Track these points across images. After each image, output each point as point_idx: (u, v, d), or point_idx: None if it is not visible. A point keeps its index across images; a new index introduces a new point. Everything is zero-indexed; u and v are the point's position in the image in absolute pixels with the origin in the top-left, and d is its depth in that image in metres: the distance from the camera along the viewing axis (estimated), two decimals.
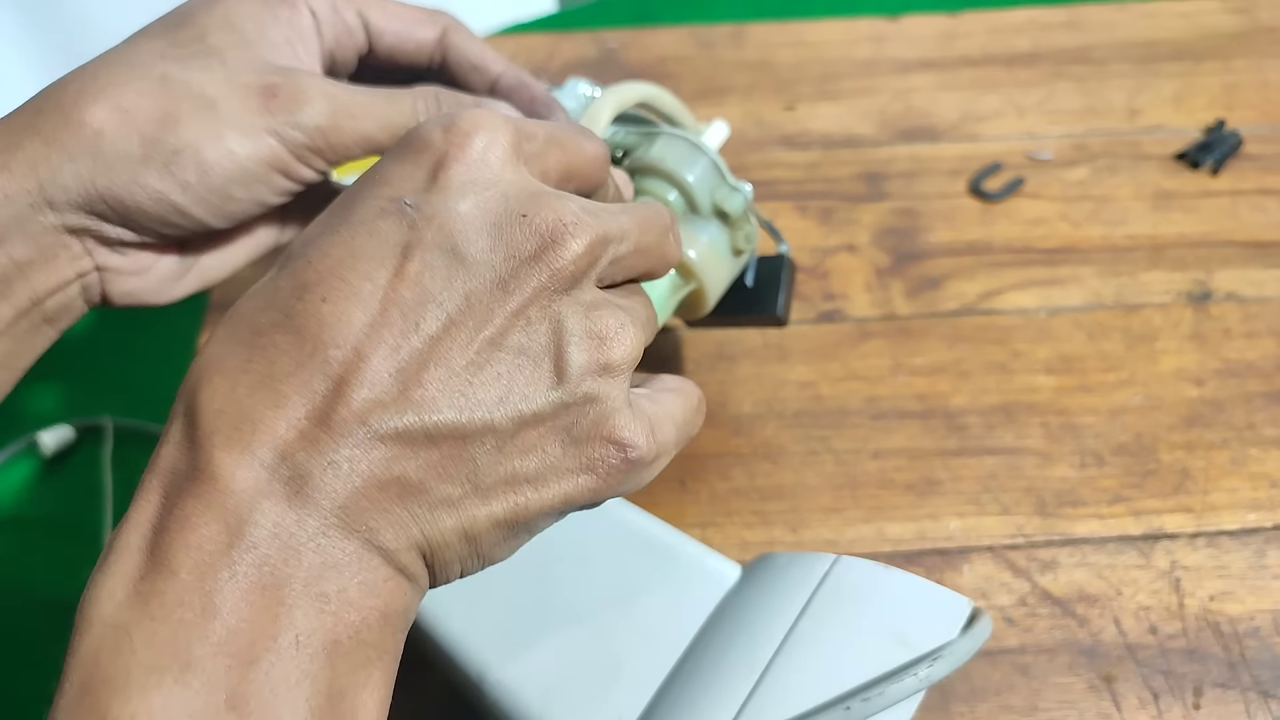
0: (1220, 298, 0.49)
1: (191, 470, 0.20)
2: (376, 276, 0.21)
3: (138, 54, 0.28)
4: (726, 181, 0.37)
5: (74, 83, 0.27)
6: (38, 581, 0.46)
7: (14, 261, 0.27)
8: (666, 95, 0.40)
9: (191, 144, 0.27)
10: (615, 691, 0.28)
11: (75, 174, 0.26)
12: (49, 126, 0.26)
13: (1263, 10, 0.65)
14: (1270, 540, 0.41)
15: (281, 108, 0.28)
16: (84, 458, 0.49)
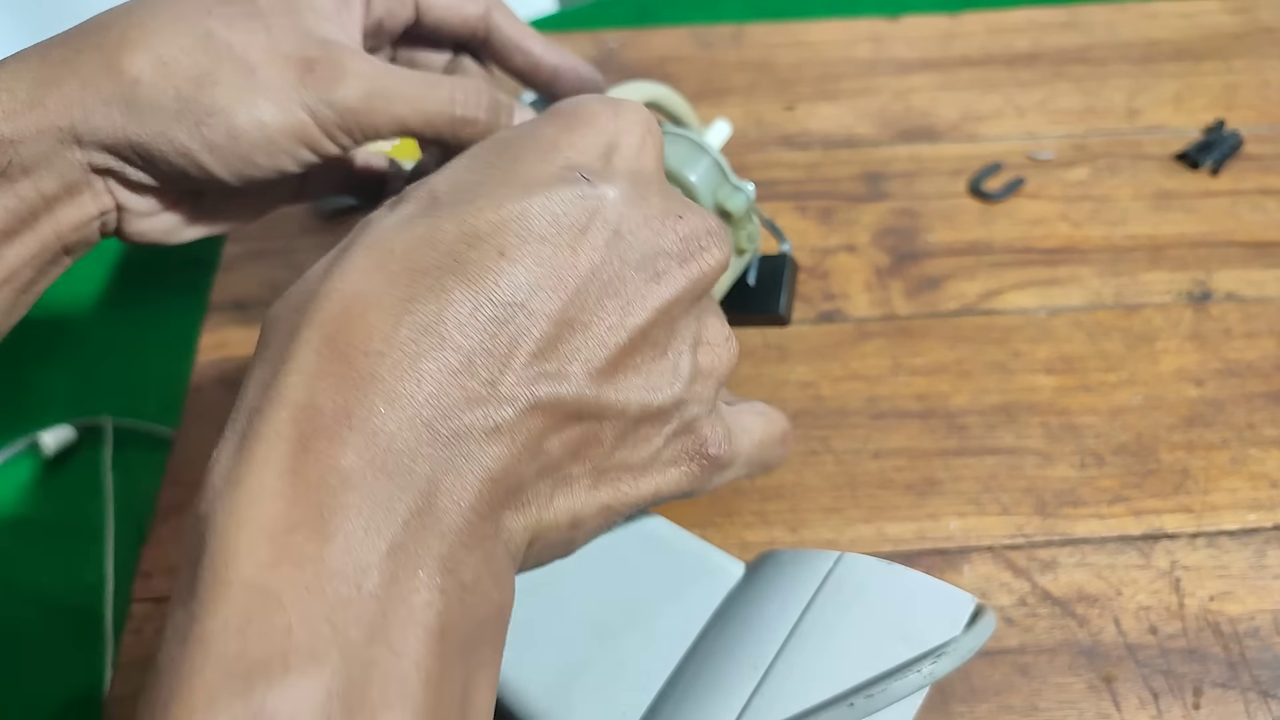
0: (1220, 298, 0.49)
1: (343, 414, 0.18)
2: (554, 241, 0.20)
3: (187, 4, 0.28)
4: (729, 181, 0.37)
5: (117, 25, 0.27)
6: (38, 581, 0.46)
7: (41, 195, 0.27)
8: (673, 95, 0.40)
9: (225, 107, 0.27)
10: (619, 689, 0.28)
11: (108, 118, 0.26)
12: (87, 68, 0.26)
13: (1263, 10, 0.65)
14: (1270, 540, 0.41)
15: (317, 82, 0.28)
16: (84, 458, 0.49)
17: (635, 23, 0.68)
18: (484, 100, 0.31)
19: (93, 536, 0.47)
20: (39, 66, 0.26)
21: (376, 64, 0.29)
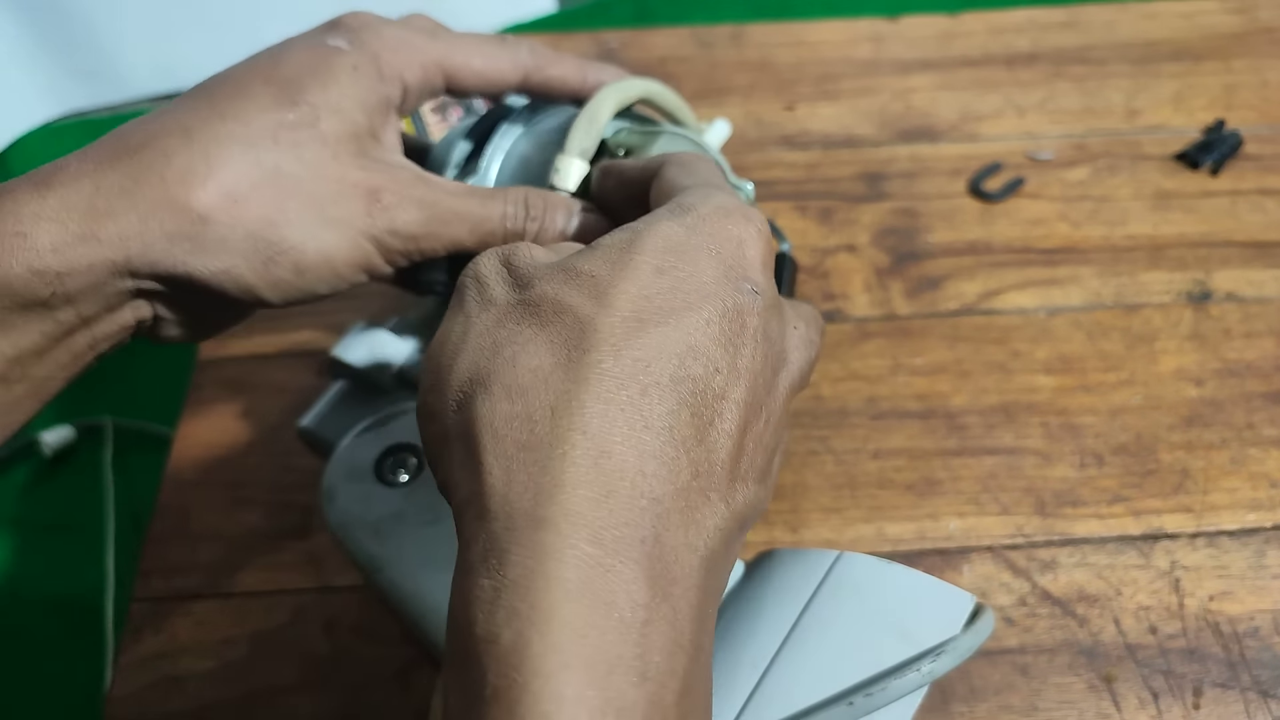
0: (1220, 298, 0.49)
1: (631, 537, 0.20)
2: (732, 356, 0.22)
3: (251, 131, 0.27)
4: (729, 180, 0.37)
5: (179, 154, 0.26)
6: (38, 581, 0.46)
7: (81, 318, 0.26)
8: (668, 92, 0.40)
9: (295, 246, 0.27)
10: None
11: (168, 254, 0.26)
12: (147, 202, 0.25)
13: (1263, 10, 0.65)
14: (1270, 540, 0.41)
15: (382, 212, 0.28)
16: (84, 458, 0.49)
17: (635, 23, 0.68)
18: (533, 210, 0.31)
19: (93, 536, 0.47)
20: (92, 194, 0.25)
21: (434, 187, 0.30)
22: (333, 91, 0.29)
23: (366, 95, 0.30)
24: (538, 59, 0.35)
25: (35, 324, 0.25)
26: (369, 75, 0.30)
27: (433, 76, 0.32)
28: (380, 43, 0.31)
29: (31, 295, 0.24)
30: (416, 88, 0.32)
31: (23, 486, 0.49)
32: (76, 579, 0.46)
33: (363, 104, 0.30)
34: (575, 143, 0.36)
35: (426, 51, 0.32)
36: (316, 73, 0.29)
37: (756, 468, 0.23)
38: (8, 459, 0.50)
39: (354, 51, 0.30)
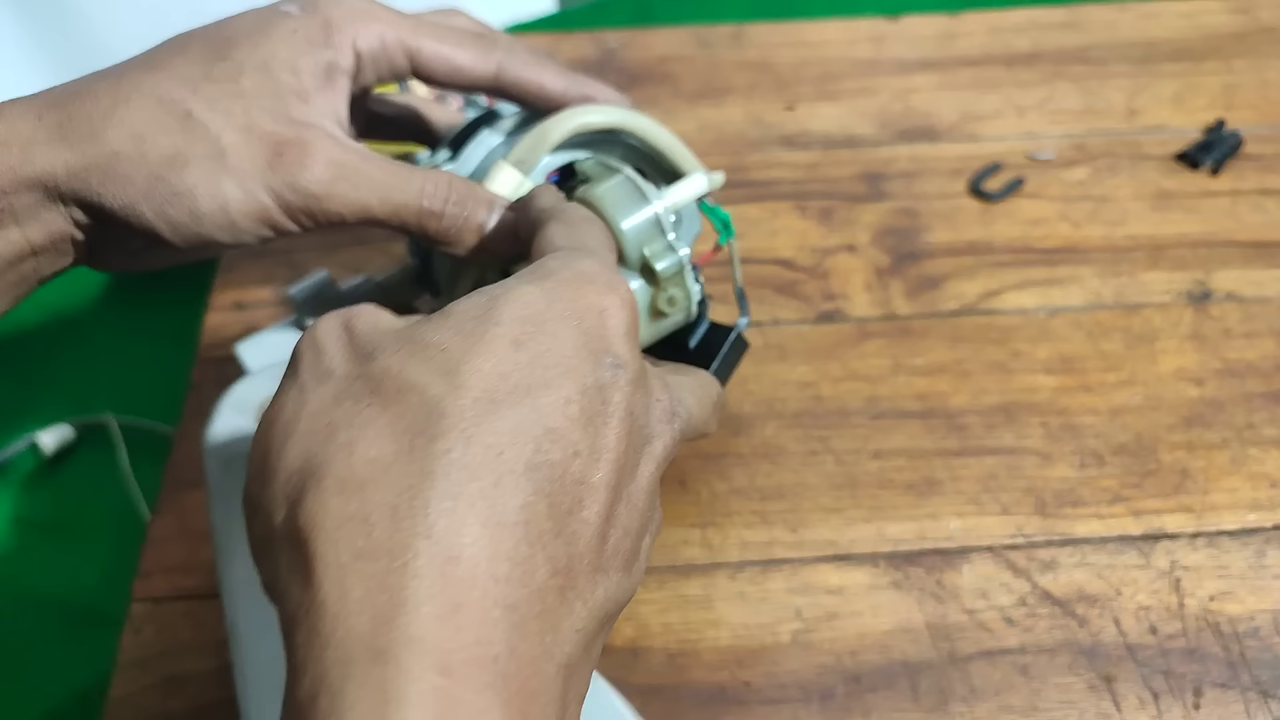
0: (1220, 298, 0.49)
1: (484, 655, 0.18)
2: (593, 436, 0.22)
3: (174, 81, 0.28)
4: (665, 239, 0.34)
5: (106, 94, 0.28)
6: (38, 581, 0.46)
7: (26, 239, 0.28)
8: (657, 128, 0.37)
9: (190, 190, 0.28)
10: None
11: (85, 183, 0.27)
12: (75, 135, 0.27)
13: (1263, 10, 0.65)
14: (1270, 540, 0.41)
15: (284, 166, 0.28)
16: (84, 458, 0.49)
17: (635, 23, 0.68)
18: (454, 195, 0.31)
19: (93, 536, 0.47)
20: (35, 126, 0.27)
21: (351, 150, 0.30)
22: (263, 49, 0.29)
23: (299, 57, 0.30)
24: (514, 59, 0.34)
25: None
26: (309, 39, 0.30)
27: (393, 51, 0.32)
28: (336, 10, 0.31)
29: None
30: (372, 57, 0.32)
31: (22, 486, 0.49)
32: (76, 579, 0.45)
33: (292, 65, 0.30)
34: (515, 151, 0.35)
35: (388, 25, 0.32)
36: (252, 33, 0.30)
37: (622, 555, 0.22)
38: (7, 459, 0.50)
39: (301, 16, 0.30)
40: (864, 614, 0.39)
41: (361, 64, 0.32)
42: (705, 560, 0.41)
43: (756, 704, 0.37)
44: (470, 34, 0.34)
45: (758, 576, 0.40)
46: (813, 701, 0.37)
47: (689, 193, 0.36)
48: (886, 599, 0.40)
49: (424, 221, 0.31)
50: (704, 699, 0.37)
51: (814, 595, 0.40)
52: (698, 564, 0.41)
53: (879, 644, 0.38)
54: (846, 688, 0.37)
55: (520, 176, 0.34)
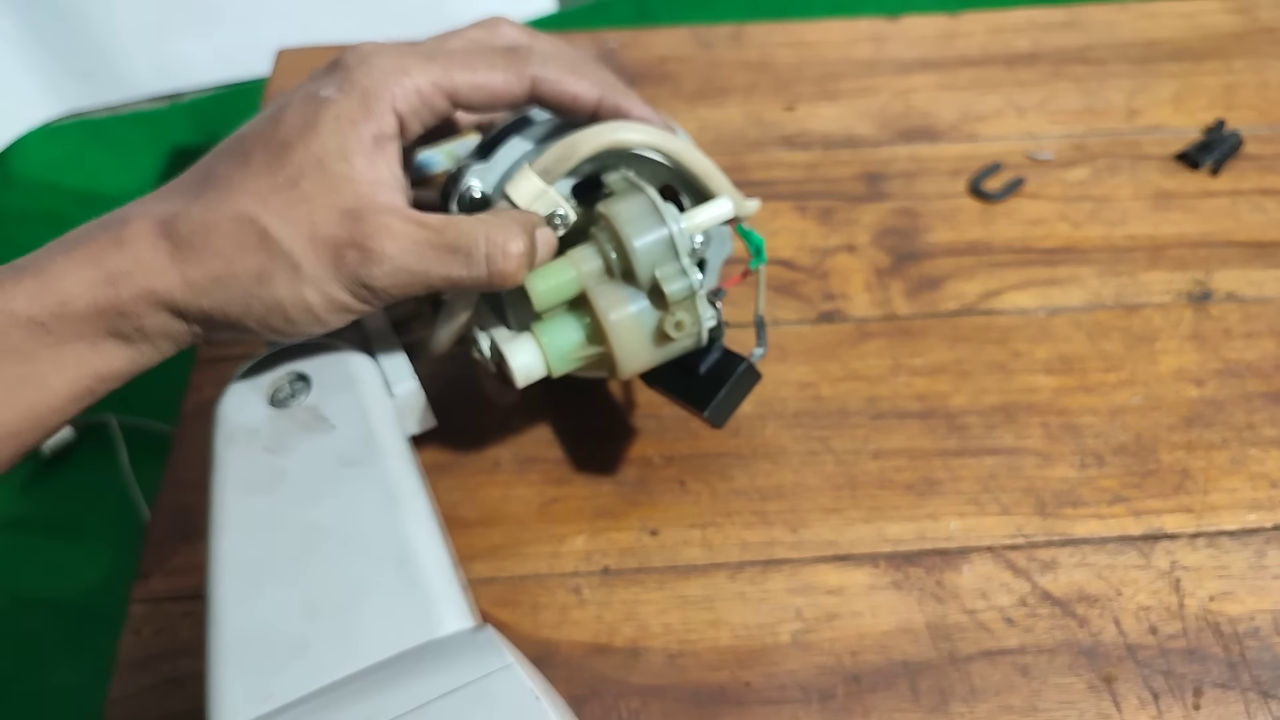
0: (1220, 298, 0.49)
1: None
2: None
3: (245, 198, 0.31)
4: (678, 263, 0.35)
5: (199, 217, 0.31)
6: (38, 581, 0.46)
7: (158, 350, 0.33)
8: (694, 152, 0.36)
9: (279, 302, 0.31)
10: (286, 669, 0.28)
11: (196, 302, 0.31)
12: (184, 262, 0.31)
13: (1263, 10, 0.65)
14: (1270, 540, 0.41)
15: (348, 268, 0.31)
16: (84, 458, 0.49)
17: (635, 22, 0.68)
18: (515, 250, 0.33)
19: (93, 536, 0.47)
20: (153, 253, 0.31)
21: (409, 229, 0.32)
22: (314, 146, 0.32)
23: (347, 140, 0.32)
24: (548, 70, 0.35)
25: (122, 352, 0.32)
26: (351, 119, 0.32)
27: (431, 99, 0.33)
28: (370, 78, 0.33)
29: (120, 329, 0.31)
30: (413, 111, 0.33)
31: (22, 486, 0.49)
32: (76, 579, 0.46)
33: (342, 152, 0.32)
34: (542, 159, 0.35)
35: (421, 75, 0.33)
36: (303, 131, 0.32)
37: None
38: None
39: (340, 98, 0.32)
40: (864, 614, 0.39)
41: (405, 121, 0.33)
42: (705, 560, 0.41)
43: (756, 704, 0.37)
44: (500, 53, 0.35)
45: (758, 576, 0.40)
46: (813, 702, 0.37)
47: (711, 217, 0.36)
48: (886, 599, 0.40)
49: (489, 286, 0.33)
50: (704, 699, 0.37)
51: (814, 595, 0.40)
52: (698, 564, 0.41)
53: (879, 644, 0.38)
54: (846, 688, 0.37)
55: (542, 185, 0.35)
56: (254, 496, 0.33)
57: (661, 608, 0.40)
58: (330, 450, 0.34)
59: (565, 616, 0.39)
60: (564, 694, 0.37)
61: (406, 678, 0.26)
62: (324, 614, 0.30)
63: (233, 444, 0.35)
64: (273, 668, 0.28)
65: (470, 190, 0.36)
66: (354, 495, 0.33)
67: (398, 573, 0.30)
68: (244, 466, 0.34)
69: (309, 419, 0.35)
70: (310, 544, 0.32)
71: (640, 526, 0.42)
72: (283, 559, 0.31)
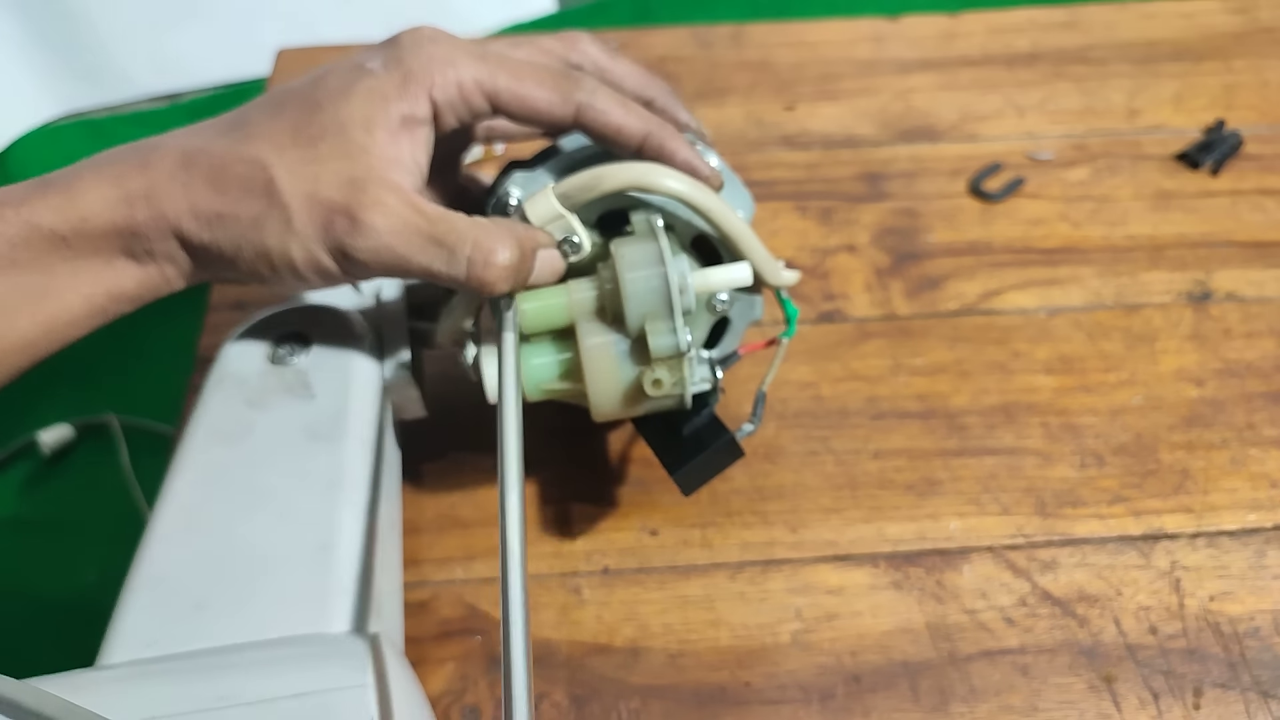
0: (1220, 298, 0.49)
1: None
2: None
3: (264, 145, 0.32)
4: (671, 320, 0.33)
5: (220, 154, 0.32)
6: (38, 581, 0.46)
7: (163, 274, 0.33)
8: (713, 203, 0.34)
9: (268, 250, 0.32)
10: (179, 623, 0.29)
11: (197, 232, 0.32)
12: (197, 193, 0.32)
13: (1263, 10, 0.65)
14: (1270, 540, 0.41)
15: (335, 234, 0.31)
16: (84, 458, 0.49)
17: (635, 22, 0.68)
18: (504, 260, 0.33)
19: (93, 536, 0.47)
20: (171, 181, 0.32)
21: (406, 211, 0.32)
22: (343, 110, 0.32)
23: (375, 113, 0.32)
24: (596, 100, 0.35)
25: (134, 273, 0.32)
26: (384, 95, 0.33)
27: (471, 95, 0.34)
28: (416, 60, 0.33)
29: (133, 250, 0.32)
30: (449, 104, 0.34)
31: (22, 486, 0.49)
32: (76, 578, 0.46)
33: (367, 122, 0.32)
34: (566, 184, 0.34)
35: (466, 69, 0.34)
36: (336, 95, 0.33)
37: None
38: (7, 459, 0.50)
39: (381, 73, 0.33)
40: (864, 614, 0.39)
41: (439, 110, 0.34)
42: (705, 560, 0.41)
43: (756, 704, 0.37)
44: (554, 72, 0.35)
45: (758, 577, 0.40)
46: (813, 702, 0.37)
47: (725, 280, 0.35)
48: (886, 599, 0.40)
49: (468, 288, 0.33)
50: (704, 699, 0.37)
51: (814, 595, 0.40)
52: (698, 564, 0.41)
53: (879, 644, 0.38)
54: (846, 688, 0.37)
55: (559, 209, 0.34)
56: (218, 445, 0.34)
57: (661, 608, 0.40)
58: (301, 418, 0.35)
59: (565, 616, 0.39)
60: (564, 694, 0.37)
61: (268, 668, 0.27)
62: (233, 578, 0.30)
63: (220, 388, 0.36)
64: (168, 617, 0.29)
65: (507, 196, 0.36)
66: (305, 469, 0.33)
67: (313, 558, 0.31)
68: (221, 413, 0.35)
69: (295, 382, 0.36)
70: (250, 506, 0.32)
71: (640, 526, 0.42)
72: (219, 513, 0.32)
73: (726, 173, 0.38)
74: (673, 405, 0.35)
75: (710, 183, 0.36)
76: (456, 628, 0.39)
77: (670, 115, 0.39)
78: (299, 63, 0.63)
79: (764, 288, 0.38)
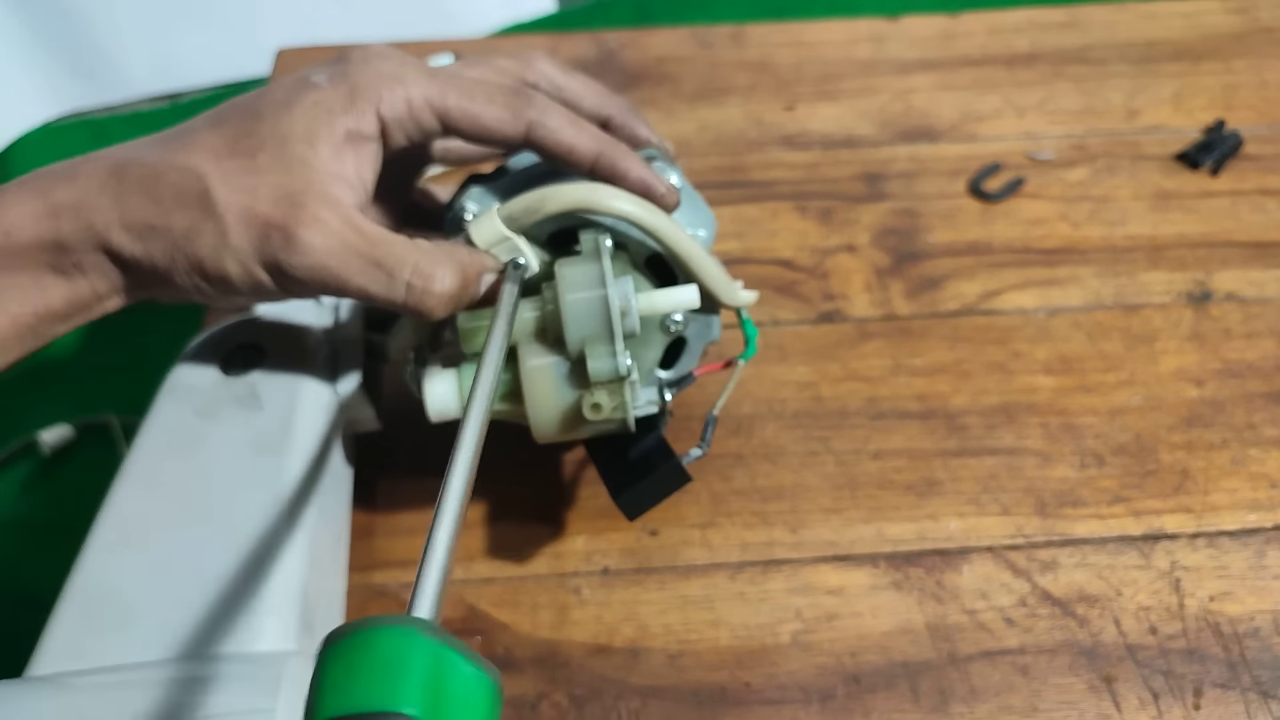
0: (1220, 298, 0.49)
1: None
2: None
3: (200, 155, 0.31)
4: (611, 343, 0.32)
5: (152, 164, 0.31)
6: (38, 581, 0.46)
7: (94, 290, 0.32)
8: (662, 224, 0.34)
9: (200, 261, 0.31)
10: (107, 636, 0.29)
11: (128, 244, 0.31)
12: (127, 204, 0.31)
13: (1263, 10, 0.65)
14: (1270, 540, 0.41)
15: (270, 249, 0.30)
16: (84, 457, 0.49)
17: (635, 23, 0.68)
18: (443, 286, 0.32)
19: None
20: (100, 191, 0.31)
21: (345, 228, 0.31)
22: (284, 123, 0.31)
23: (318, 127, 0.32)
24: (548, 118, 0.34)
25: (62, 289, 0.31)
26: (329, 109, 0.32)
27: (420, 113, 0.33)
28: (363, 76, 0.33)
29: (60, 265, 0.31)
30: (398, 121, 0.33)
31: (22, 486, 0.49)
32: None
33: (309, 136, 0.31)
34: (511, 205, 0.34)
35: (415, 87, 0.33)
36: (278, 107, 0.32)
37: None
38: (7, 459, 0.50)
39: (327, 87, 0.32)
40: (864, 614, 0.39)
41: (388, 127, 0.33)
42: (705, 560, 0.41)
43: (756, 704, 0.37)
44: (505, 90, 0.34)
45: (758, 577, 0.40)
46: (813, 702, 0.37)
47: (671, 303, 0.34)
48: (886, 599, 0.40)
49: (407, 311, 0.32)
50: (704, 699, 0.37)
51: (814, 596, 0.40)
52: (698, 564, 0.41)
53: (879, 644, 0.38)
54: (846, 688, 0.37)
55: (504, 231, 0.33)
56: (165, 456, 0.34)
57: (661, 608, 0.40)
58: (248, 431, 0.35)
59: (565, 616, 0.39)
60: (564, 694, 0.37)
61: (180, 688, 0.27)
62: (166, 592, 0.30)
63: (172, 398, 0.36)
64: (98, 629, 0.29)
65: (462, 210, 0.35)
66: (247, 483, 0.33)
67: (245, 574, 0.31)
68: (171, 423, 0.35)
69: (245, 394, 0.36)
70: (190, 520, 0.32)
71: (640, 526, 0.42)
72: (160, 525, 0.32)
73: (688, 191, 0.37)
74: (616, 429, 0.34)
75: (665, 201, 0.35)
76: (456, 628, 0.39)
77: (629, 132, 0.39)
78: (299, 63, 0.63)
79: (722, 308, 0.37)
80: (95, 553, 0.31)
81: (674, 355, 0.38)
